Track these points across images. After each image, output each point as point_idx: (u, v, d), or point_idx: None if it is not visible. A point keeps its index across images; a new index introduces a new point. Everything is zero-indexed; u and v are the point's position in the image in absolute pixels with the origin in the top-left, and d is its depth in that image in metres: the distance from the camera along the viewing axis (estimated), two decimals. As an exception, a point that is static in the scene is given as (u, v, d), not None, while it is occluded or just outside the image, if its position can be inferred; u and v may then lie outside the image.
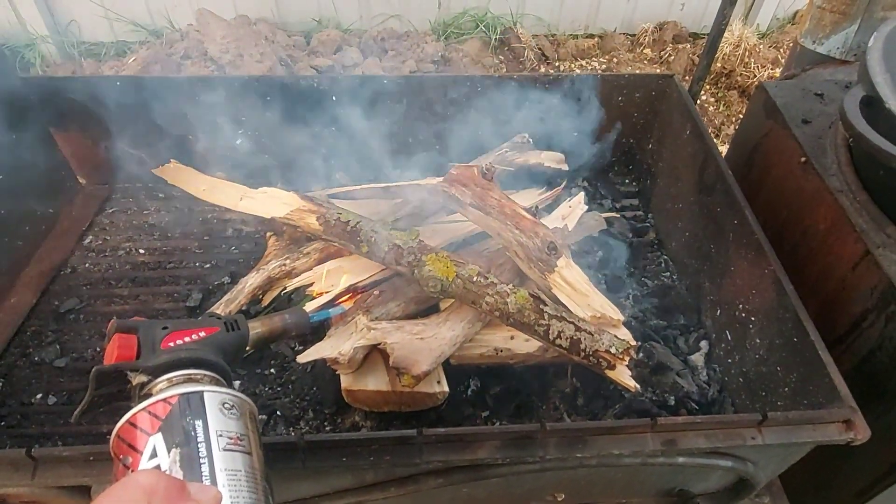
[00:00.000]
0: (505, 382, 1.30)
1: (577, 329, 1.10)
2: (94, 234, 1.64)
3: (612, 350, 1.08)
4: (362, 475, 1.01)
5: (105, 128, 1.65)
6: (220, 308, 1.33)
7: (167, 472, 0.57)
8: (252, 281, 1.36)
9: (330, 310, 1.18)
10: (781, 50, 4.04)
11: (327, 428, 1.24)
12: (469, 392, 1.28)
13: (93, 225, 1.66)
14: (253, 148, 1.72)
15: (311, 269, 1.37)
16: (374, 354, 1.22)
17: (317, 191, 1.60)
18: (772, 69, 3.90)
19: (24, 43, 3.71)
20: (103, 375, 0.72)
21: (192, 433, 0.61)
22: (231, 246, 1.62)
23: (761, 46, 4.01)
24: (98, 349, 1.37)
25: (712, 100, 3.94)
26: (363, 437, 0.94)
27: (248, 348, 0.92)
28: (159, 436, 0.60)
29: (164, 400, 0.64)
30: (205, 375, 0.72)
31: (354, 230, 1.27)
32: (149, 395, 0.68)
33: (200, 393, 0.65)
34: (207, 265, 1.56)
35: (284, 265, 1.38)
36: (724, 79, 3.99)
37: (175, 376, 0.71)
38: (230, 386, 0.75)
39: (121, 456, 0.61)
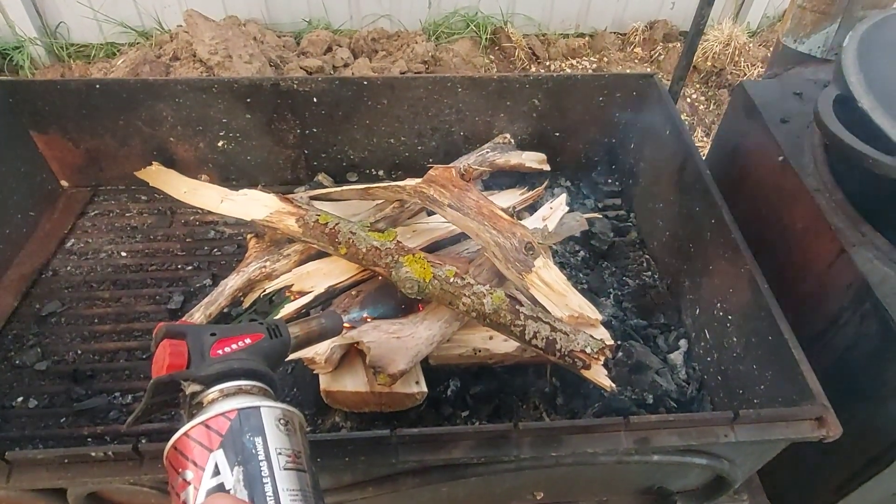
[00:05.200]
0: (485, 382, 1.30)
1: (553, 329, 1.11)
2: (75, 237, 1.64)
3: (588, 350, 1.09)
4: (340, 476, 1.01)
5: (86, 130, 1.65)
6: (201, 311, 1.33)
7: (232, 492, 0.58)
8: (232, 283, 1.36)
9: (364, 312, 1.19)
10: (771, 49, 4.04)
11: (307, 429, 1.23)
12: (449, 392, 1.29)
13: (74, 228, 1.66)
14: (236, 149, 1.72)
15: (291, 271, 1.38)
16: (353, 356, 1.22)
17: (299, 192, 1.60)
18: (761, 68, 3.91)
19: (13, 45, 3.70)
20: (160, 385, 0.72)
21: (254, 451, 0.61)
22: (213, 248, 1.62)
23: (751, 45, 4.02)
24: (79, 352, 1.37)
25: (702, 98, 3.95)
26: (338, 437, 0.95)
27: (289, 354, 0.91)
28: (220, 452, 0.61)
29: (223, 414, 0.64)
30: (255, 386, 0.72)
31: (333, 232, 1.27)
32: (200, 405, 0.69)
33: (258, 408, 0.65)
34: (189, 267, 1.56)
35: (264, 267, 1.38)
36: (714, 77, 4.00)
37: (227, 387, 0.70)
38: (278, 395, 0.76)
39: (179, 469, 0.61)
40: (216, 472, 0.59)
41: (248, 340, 0.80)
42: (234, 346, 0.78)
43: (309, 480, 0.64)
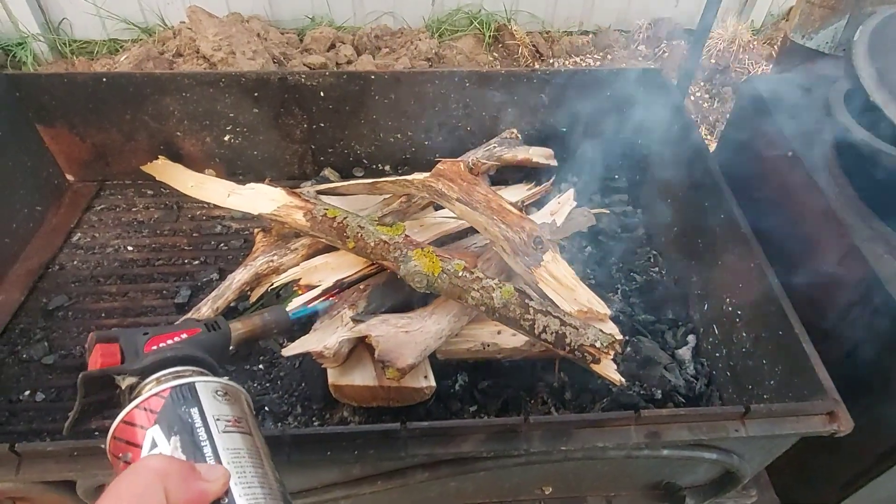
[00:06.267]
0: (492, 377, 1.30)
1: (563, 323, 1.10)
2: (82, 231, 1.64)
3: (598, 344, 1.08)
4: (349, 469, 1.01)
5: (93, 124, 1.64)
6: (208, 305, 1.33)
7: None
8: (240, 277, 1.36)
9: (310, 306, 1.19)
10: (776, 46, 4.04)
11: (315, 423, 1.24)
12: (457, 387, 1.29)
13: (81, 222, 1.66)
14: (242, 144, 1.72)
15: (299, 265, 1.37)
16: (361, 349, 1.22)
17: (305, 187, 1.60)
18: (766, 65, 3.90)
19: (16, 41, 3.70)
20: (91, 381, 0.72)
21: (189, 420, 0.61)
22: (219, 242, 1.62)
23: (755, 42, 4.01)
24: (87, 346, 1.37)
25: (706, 96, 3.94)
26: (347, 430, 0.95)
27: (230, 347, 0.92)
28: (156, 427, 0.60)
29: (157, 394, 0.64)
30: (193, 371, 0.72)
31: (341, 226, 1.27)
32: (139, 396, 0.68)
33: (192, 383, 0.65)
34: (196, 262, 1.56)
35: (272, 261, 1.38)
36: (718, 75, 3.99)
37: (163, 375, 0.70)
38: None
39: (119, 454, 0.61)
40: (153, 446, 0.59)
41: (183, 336, 0.81)
42: (169, 342, 0.78)
43: (257, 442, 0.63)
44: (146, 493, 0.50)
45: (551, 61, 4.15)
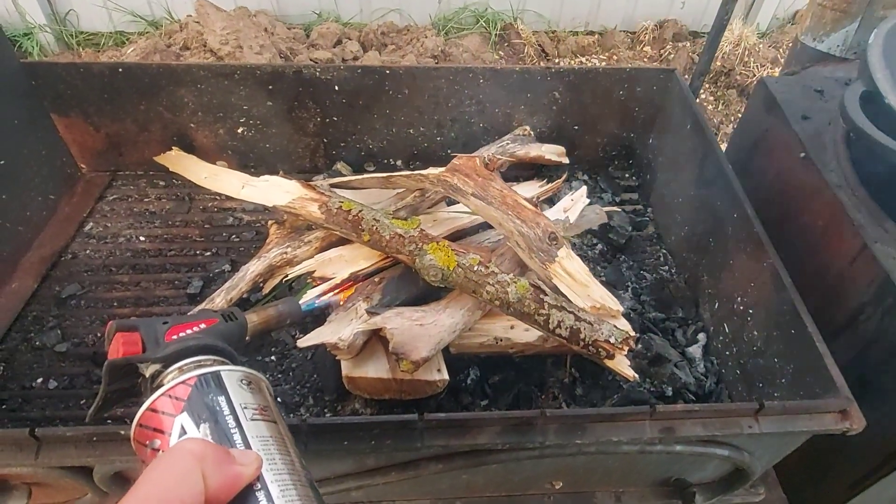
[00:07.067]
0: (504, 372, 1.30)
1: (577, 319, 1.11)
2: (94, 220, 1.64)
3: (612, 340, 1.09)
4: (363, 460, 1.02)
5: (107, 115, 1.65)
6: (222, 295, 1.33)
7: None
8: (253, 268, 1.36)
9: (321, 299, 1.19)
10: (781, 49, 4.06)
11: (327, 415, 1.24)
12: (468, 381, 1.29)
13: (93, 212, 1.66)
14: (255, 137, 1.72)
15: (313, 258, 1.38)
16: (375, 342, 1.23)
17: (318, 180, 1.61)
18: (771, 68, 3.91)
19: (22, 32, 3.70)
20: (115, 369, 0.72)
21: (218, 408, 0.62)
22: (232, 234, 1.62)
23: (761, 46, 4.02)
24: (99, 335, 1.37)
25: (711, 98, 3.95)
26: (365, 420, 0.95)
27: (246, 337, 0.92)
28: (185, 415, 0.61)
29: (183, 382, 0.64)
30: (215, 360, 0.73)
31: (356, 219, 1.27)
32: (162, 385, 0.68)
33: (217, 372, 0.66)
34: (208, 253, 1.57)
35: (286, 253, 1.38)
36: (723, 78, 4.00)
37: (186, 364, 0.71)
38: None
39: (146, 442, 0.61)
40: (182, 433, 0.59)
41: (202, 325, 0.81)
42: (188, 332, 0.79)
43: (282, 430, 0.64)
44: (186, 476, 0.51)
45: (557, 61, 4.16)
